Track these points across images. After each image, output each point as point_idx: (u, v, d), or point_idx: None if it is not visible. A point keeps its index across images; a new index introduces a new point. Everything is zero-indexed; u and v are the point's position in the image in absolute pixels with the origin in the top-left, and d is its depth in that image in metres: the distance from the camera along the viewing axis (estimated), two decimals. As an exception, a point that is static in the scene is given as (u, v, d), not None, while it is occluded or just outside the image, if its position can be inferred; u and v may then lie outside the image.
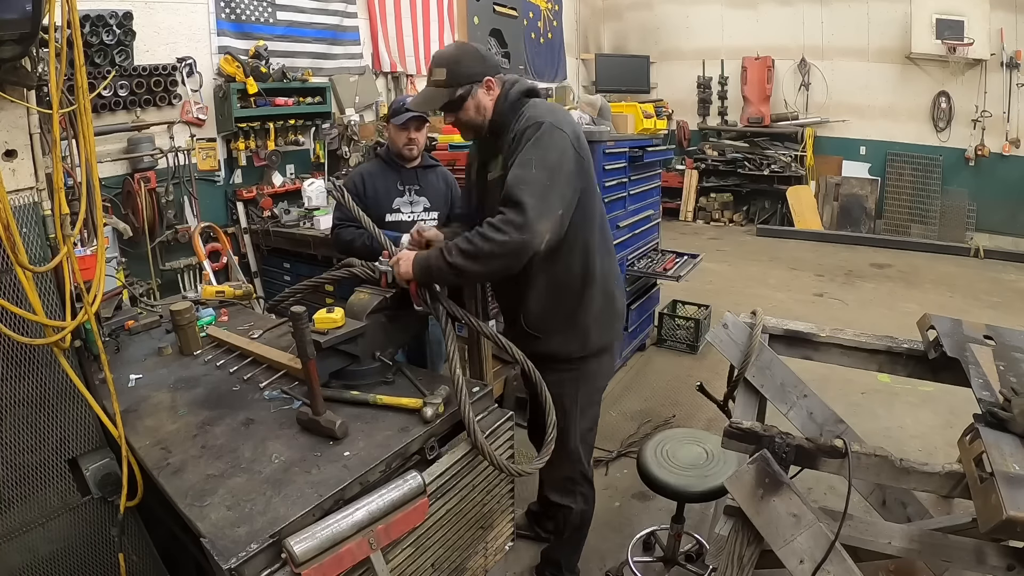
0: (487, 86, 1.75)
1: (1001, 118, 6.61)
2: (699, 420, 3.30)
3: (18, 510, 1.50)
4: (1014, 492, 1.13)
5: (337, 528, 1.17)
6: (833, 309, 5.12)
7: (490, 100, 1.76)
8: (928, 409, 3.34)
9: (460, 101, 1.74)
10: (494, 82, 1.75)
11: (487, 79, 1.74)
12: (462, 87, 1.72)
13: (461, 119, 1.78)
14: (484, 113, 1.76)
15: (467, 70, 1.72)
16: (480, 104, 1.75)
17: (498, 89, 1.76)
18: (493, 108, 1.76)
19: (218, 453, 1.40)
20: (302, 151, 4.72)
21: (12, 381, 1.44)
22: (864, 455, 1.37)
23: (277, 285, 4.22)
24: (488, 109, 1.76)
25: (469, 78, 1.72)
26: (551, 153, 1.61)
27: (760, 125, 7.77)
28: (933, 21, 6.53)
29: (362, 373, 1.66)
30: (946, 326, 1.83)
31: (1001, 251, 6.51)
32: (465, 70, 1.72)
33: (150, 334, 2.10)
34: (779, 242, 7.31)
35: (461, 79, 1.72)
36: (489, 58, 1.79)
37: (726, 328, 1.95)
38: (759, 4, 7.74)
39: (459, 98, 1.73)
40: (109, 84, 3.43)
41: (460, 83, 1.72)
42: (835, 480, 1.63)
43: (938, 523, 1.77)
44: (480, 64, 1.74)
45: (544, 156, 1.60)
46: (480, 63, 1.74)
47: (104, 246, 1.53)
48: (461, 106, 1.74)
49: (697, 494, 1.86)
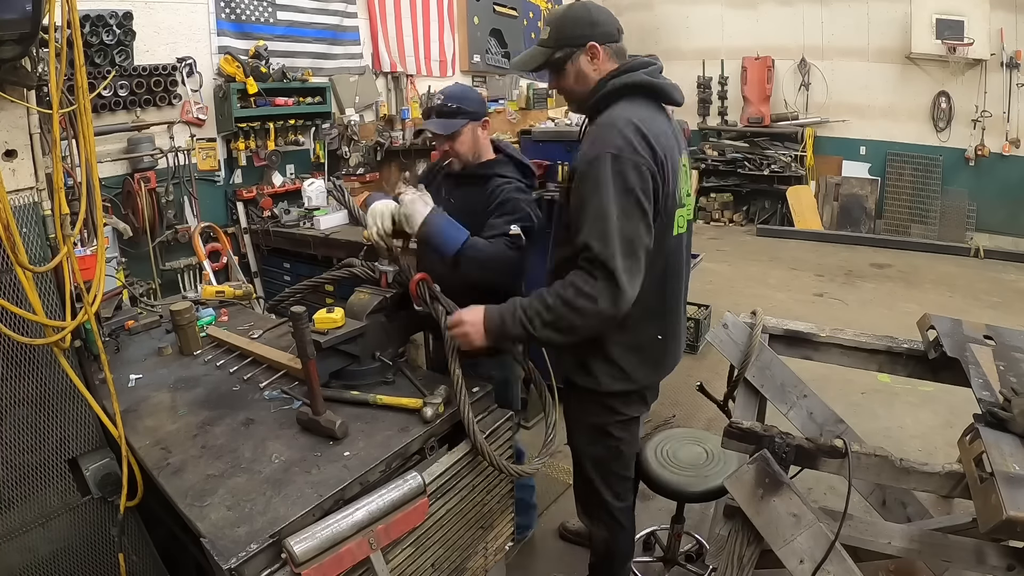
0: (590, 53, 1.53)
1: (1001, 118, 6.60)
2: (699, 420, 3.30)
3: (18, 510, 1.50)
4: (1014, 492, 1.13)
5: (337, 528, 1.17)
6: (833, 309, 5.12)
7: (593, 71, 1.54)
8: (928, 409, 3.34)
9: (558, 64, 1.56)
10: (600, 51, 1.52)
11: (591, 45, 1.52)
12: (561, 49, 1.54)
13: (563, 86, 1.60)
14: (585, 84, 1.56)
15: (570, 31, 1.54)
16: (581, 73, 1.55)
17: (608, 63, 1.54)
18: (595, 84, 1.54)
19: (218, 453, 1.40)
20: (302, 151, 4.72)
21: (12, 381, 1.44)
22: (864, 455, 1.36)
23: (277, 285, 4.22)
24: (590, 81, 1.55)
25: (571, 40, 1.53)
26: (629, 196, 1.41)
27: (760, 125, 7.76)
28: (933, 21, 6.52)
29: (362, 373, 1.66)
30: (946, 326, 1.83)
31: (1001, 251, 6.51)
32: (568, 31, 1.54)
33: (150, 334, 2.10)
34: (779, 242, 7.31)
35: (562, 40, 1.54)
36: (603, 23, 1.54)
37: (726, 328, 1.95)
38: (759, 4, 7.73)
39: (557, 60, 1.55)
40: (109, 84, 3.43)
41: (560, 45, 1.54)
42: (835, 480, 1.63)
43: (938, 523, 1.77)
44: (587, 27, 1.53)
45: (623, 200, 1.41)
46: (587, 26, 1.53)
47: (104, 246, 1.53)
48: (561, 71, 1.57)
49: (697, 494, 1.86)
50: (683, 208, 1.61)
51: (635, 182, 1.41)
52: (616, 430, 1.71)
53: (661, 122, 1.54)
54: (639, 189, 1.41)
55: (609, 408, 1.68)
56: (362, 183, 4.75)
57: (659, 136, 1.47)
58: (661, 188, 1.46)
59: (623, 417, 1.70)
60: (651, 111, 1.53)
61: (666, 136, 1.51)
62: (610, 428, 1.71)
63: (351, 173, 4.82)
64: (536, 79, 7.16)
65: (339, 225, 3.95)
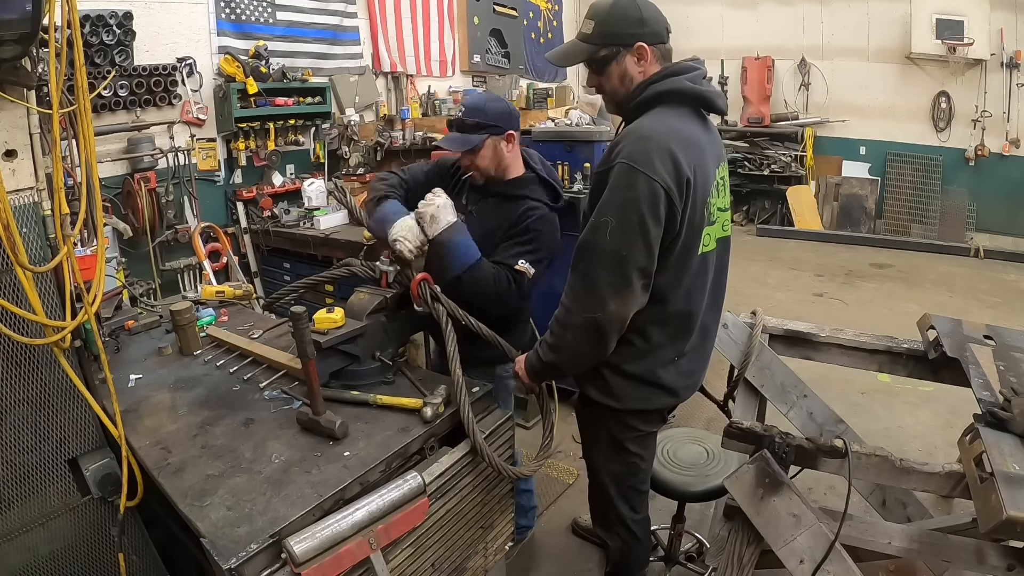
0: (638, 54, 1.42)
1: (1001, 118, 6.60)
2: (699, 420, 3.30)
3: (18, 510, 1.50)
4: (1014, 492, 1.13)
5: (337, 528, 1.17)
6: (833, 309, 5.12)
7: (639, 73, 1.44)
8: (928, 409, 3.34)
9: (602, 64, 1.45)
10: (648, 53, 1.42)
11: (639, 45, 1.41)
12: (607, 48, 1.43)
13: (604, 87, 1.50)
14: (628, 85, 1.46)
15: (617, 28, 1.42)
16: (626, 74, 1.45)
17: (654, 65, 1.44)
18: (635, 88, 1.44)
19: (218, 453, 1.40)
20: (302, 151, 4.72)
21: (12, 381, 1.44)
22: (864, 455, 1.37)
23: (277, 285, 4.23)
24: (635, 82, 1.45)
25: (617, 39, 1.42)
26: (631, 212, 1.33)
27: (760, 125, 7.76)
28: (933, 21, 6.52)
29: (362, 373, 1.66)
30: (946, 326, 1.83)
31: (1001, 251, 6.51)
32: (615, 28, 1.42)
33: (150, 334, 2.10)
34: (779, 242, 7.30)
35: (608, 38, 1.43)
36: (652, 21, 1.43)
37: (726, 328, 1.95)
38: (759, 4, 7.73)
39: (601, 59, 1.45)
40: (109, 84, 3.43)
41: (606, 43, 1.43)
42: (835, 480, 1.63)
43: (938, 523, 1.77)
44: (636, 25, 1.41)
45: (626, 216, 1.33)
46: (636, 24, 1.41)
47: (104, 246, 1.53)
48: (604, 70, 1.46)
49: (697, 494, 1.86)
50: (713, 225, 1.51)
51: (643, 199, 1.32)
52: (634, 446, 1.66)
53: (696, 133, 1.44)
54: (646, 208, 1.32)
55: (627, 425, 1.63)
56: (362, 183, 4.75)
57: (690, 150, 1.37)
58: (680, 207, 1.36)
59: (641, 433, 1.65)
60: (687, 121, 1.44)
61: (699, 149, 1.42)
62: (628, 444, 1.65)
63: (351, 173, 4.82)
64: (536, 78, 7.17)
65: (339, 225, 3.95)
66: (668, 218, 1.35)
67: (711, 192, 1.46)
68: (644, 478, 1.76)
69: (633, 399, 1.56)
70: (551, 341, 1.48)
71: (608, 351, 1.45)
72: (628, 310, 1.38)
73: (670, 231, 1.37)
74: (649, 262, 1.36)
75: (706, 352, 1.69)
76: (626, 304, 1.37)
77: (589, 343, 1.43)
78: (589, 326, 1.39)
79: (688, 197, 1.36)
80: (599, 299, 1.36)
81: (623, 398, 1.56)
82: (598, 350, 1.45)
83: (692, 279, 1.48)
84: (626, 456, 1.67)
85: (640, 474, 1.73)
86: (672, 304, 1.47)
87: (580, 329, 1.41)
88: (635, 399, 1.57)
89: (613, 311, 1.37)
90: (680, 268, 1.45)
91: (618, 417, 1.61)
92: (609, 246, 1.34)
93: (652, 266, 1.37)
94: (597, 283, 1.36)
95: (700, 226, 1.44)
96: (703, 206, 1.43)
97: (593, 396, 1.61)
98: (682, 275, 1.46)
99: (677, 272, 1.44)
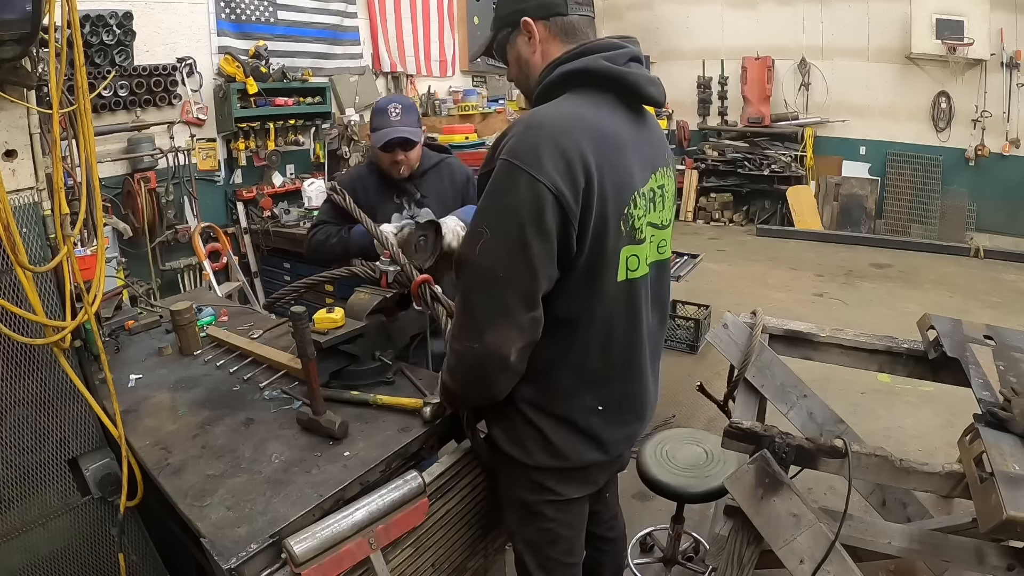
0: (526, 31, 1.21)
1: (1001, 118, 6.60)
2: (699, 420, 3.30)
3: (18, 510, 1.50)
4: (1014, 492, 1.13)
5: (337, 528, 1.17)
6: (833, 309, 5.12)
7: (533, 53, 1.22)
8: (928, 409, 3.34)
9: (500, 51, 1.28)
10: (535, 27, 1.19)
11: (524, 20, 1.19)
12: (500, 32, 1.26)
13: (510, 77, 1.33)
14: (526, 69, 1.25)
15: (504, 8, 1.25)
16: (520, 57, 1.24)
17: (552, 43, 1.20)
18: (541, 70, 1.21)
19: (218, 453, 1.40)
20: (302, 151, 4.72)
21: (12, 381, 1.44)
22: (864, 455, 1.36)
23: (277, 285, 4.23)
24: (532, 65, 1.23)
25: (506, 19, 1.24)
26: (510, 223, 1.07)
27: (760, 125, 7.76)
28: (933, 21, 6.52)
29: (362, 373, 1.66)
30: (946, 326, 1.83)
31: (1001, 251, 6.51)
32: (502, 9, 1.25)
33: (150, 334, 2.10)
34: (779, 242, 7.30)
35: (498, 21, 1.26)
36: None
37: (726, 328, 1.95)
38: (759, 4, 7.73)
39: (498, 46, 1.28)
40: (109, 84, 3.44)
41: (498, 27, 1.27)
42: (835, 480, 1.63)
43: (938, 523, 1.77)
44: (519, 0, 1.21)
45: (502, 226, 1.08)
46: None
47: (104, 246, 1.53)
48: (504, 57, 1.29)
49: (697, 494, 1.86)
50: (640, 244, 1.21)
51: (524, 206, 1.05)
52: (550, 511, 1.35)
53: (613, 125, 1.16)
54: (527, 216, 1.05)
55: (540, 485, 1.32)
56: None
57: (599, 143, 1.10)
58: (578, 217, 1.09)
59: (558, 498, 1.33)
60: (603, 111, 1.16)
61: (614, 144, 1.14)
62: (542, 508, 1.35)
63: (351, 173, 4.82)
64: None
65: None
66: (561, 231, 1.08)
67: (633, 202, 1.17)
68: (570, 548, 1.42)
69: (547, 453, 1.27)
70: (447, 363, 1.24)
71: (497, 392, 1.20)
72: (510, 344, 1.11)
73: (566, 248, 1.10)
74: (533, 285, 1.09)
75: (643, 404, 1.36)
76: (507, 337, 1.10)
77: (471, 378, 1.19)
78: (468, 358, 1.15)
79: (590, 204, 1.09)
80: (476, 328, 1.12)
81: (533, 451, 1.27)
82: (483, 390, 1.21)
83: (611, 312, 1.20)
84: (541, 522, 1.36)
85: (562, 543, 1.39)
86: (591, 342, 1.20)
87: (462, 359, 1.17)
88: (549, 454, 1.27)
89: (491, 344, 1.10)
90: (591, 296, 1.17)
91: (530, 476, 1.31)
92: (483, 263, 1.09)
93: (537, 290, 1.10)
94: (473, 307, 1.13)
95: (616, 244, 1.16)
96: (618, 218, 1.14)
97: (505, 449, 1.31)
98: (593, 305, 1.18)
99: (587, 301, 1.17)
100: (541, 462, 1.28)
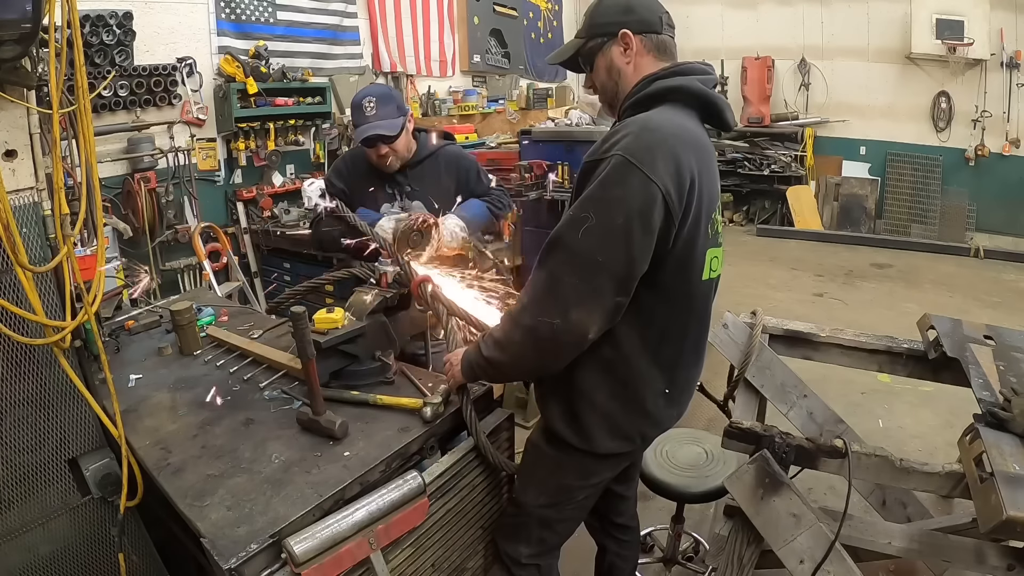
0: (623, 43, 1.30)
1: (1001, 118, 6.60)
2: (699, 420, 3.29)
3: (18, 510, 1.50)
4: (1014, 492, 1.13)
5: (337, 528, 1.17)
6: (833, 309, 5.12)
7: (627, 64, 1.31)
8: (928, 409, 3.34)
9: (589, 57, 1.36)
10: (633, 40, 1.29)
11: (623, 33, 1.29)
12: (593, 39, 1.34)
13: (595, 83, 1.39)
14: (616, 78, 1.33)
15: (602, 18, 1.33)
16: (613, 66, 1.33)
17: (645, 57, 1.30)
18: (635, 81, 1.30)
19: (218, 453, 1.40)
20: (302, 151, 4.72)
21: (12, 381, 1.44)
22: (864, 455, 1.37)
23: (277, 285, 4.23)
24: (624, 75, 1.32)
25: (602, 28, 1.32)
26: (616, 213, 1.14)
27: (760, 125, 7.76)
28: (933, 21, 6.52)
29: (362, 373, 1.66)
30: (946, 326, 1.83)
31: (1001, 251, 6.51)
32: (600, 18, 1.34)
33: (150, 334, 2.10)
34: (779, 242, 7.31)
35: (594, 29, 1.34)
36: (639, 8, 1.31)
37: (726, 328, 1.95)
38: (759, 4, 7.74)
39: (588, 52, 1.36)
40: (109, 84, 3.43)
41: (592, 34, 1.34)
42: (835, 480, 1.63)
43: (938, 523, 1.77)
44: (620, 13, 1.31)
45: (609, 215, 1.15)
46: (621, 12, 1.31)
47: (104, 246, 1.53)
48: (592, 64, 1.36)
49: (697, 495, 1.86)
50: (719, 248, 1.35)
51: (634, 201, 1.13)
52: (583, 494, 1.47)
53: (705, 139, 1.30)
54: (636, 211, 1.13)
55: (591, 471, 1.43)
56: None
57: (700, 153, 1.22)
58: (679, 218, 1.18)
59: (600, 480, 1.47)
60: (695, 125, 1.29)
61: (708, 156, 1.27)
62: (579, 493, 1.46)
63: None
64: (536, 78, 7.16)
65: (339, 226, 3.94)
66: (663, 228, 1.16)
67: (718, 208, 1.33)
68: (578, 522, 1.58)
69: (611, 438, 1.35)
70: (498, 336, 1.30)
71: (559, 365, 1.27)
72: (592, 324, 1.18)
73: (664, 243, 1.18)
74: (628, 274, 1.17)
75: (695, 383, 1.52)
76: (591, 316, 1.17)
77: (537, 351, 1.24)
78: (543, 332, 1.20)
79: (690, 207, 1.19)
80: (561, 304, 1.17)
81: (596, 438, 1.35)
82: (546, 362, 1.27)
83: (691, 307, 1.32)
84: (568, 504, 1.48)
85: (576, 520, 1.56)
86: (666, 332, 1.30)
87: (532, 333, 1.22)
88: (614, 437, 1.35)
89: (575, 321, 1.17)
90: (680, 294, 1.28)
91: (582, 461, 1.40)
92: (583, 246, 1.16)
93: (631, 279, 1.18)
94: (562, 286, 1.18)
95: (705, 246, 1.27)
96: (707, 222, 1.26)
97: (566, 437, 1.38)
98: (680, 301, 1.29)
99: (675, 298, 1.27)
100: (604, 448, 1.36)
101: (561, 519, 1.52)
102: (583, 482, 1.45)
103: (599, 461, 1.41)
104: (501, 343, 1.30)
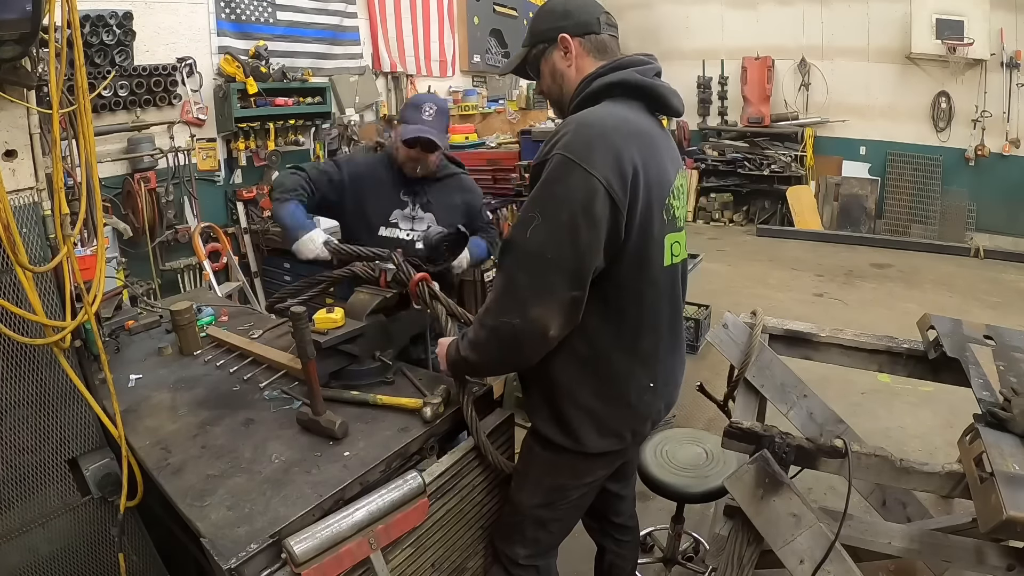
0: (563, 46, 1.33)
1: (1001, 118, 6.60)
2: (699, 420, 3.30)
3: (18, 510, 1.50)
4: (1014, 492, 1.13)
5: (337, 528, 1.17)
6: (833, 309, 5.12)
7: (568, 67, 1.34)
8: (928, 409, 3.34)
9: (534, 65, 1.39)
10: (572, 43, 1.32)
11: (562, 37, 1.32)
12: (536, 47, 1.37)
13: (542, 89, 1.42)
14: (560, 81, 1.36)
15: (542, 25, 1.36)
16: (555, 70, 1.36)
17: (586, 58, 1.33)
18: (577, 82, 1.33)
19: (218, 453, 1.40)
20: (302, 151, 4.72)
21: (12, 381, 1.44)
22: (864, 455, 1.36)
23: (277, 285, 4.23)
24: (567, 78, 1.35)
25: (542, 35, 1.36)
26: (560, 210, 1.16)
27: (760, 125, 7.76)
28: (933, 21, 6.52)
29: (362, 373, 1.66)
30: (946, 326, 1.83)
31: (1001, 251, 6.51)
32: (540, 25, 1.37)
33: (150, 334, 2.10)
34: (779, 242, 7.30)
35: (535, 36, 1.37)
36: (577, 11, 1.33)
37: (726, 328, 1.95)
38: (759, 4, 7.73)
39: (532, 60, 1.39)
40: (109, 84, 3.43)
41: (534, 42, 1.38)
42: (835, 480, 1.63)
43: (938, 523, 1.77)
44: (559, 18, 1.33)
45: (553, 213, 1.17)
46: (559, 17, 1.33)
47: (104, 246, 1.53)
48: (537, 71, 1.39)
49: (697, 495, 1.86)
50: (680, 232, 1.37)
51: (576, 196, 1.15)
52: (578, 492, 1.48)
53: (650, 128, 1.31)
54: (579, 206, 1.15)
55: (584, 470, 1.44)
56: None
57: (641, 141, 1.24)
58: (625, 208, 1.19)
59: (594, 478, 1.48)
60: (638, 116, 1.30)
61: (651, 144, 1.27)
62: (573, 492, 1.47)
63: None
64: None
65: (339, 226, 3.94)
66: (611, 220, 1.18)
67: (672, 193, 1.32)
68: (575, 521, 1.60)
69: (600, 437, 1.36)
70: (471, 337, 1.32)
71: (527, 362, 1.30)
72: (551, 320, 1.19)
73: (615, 235, 1.20)
74: (579, 268, 1.18)
75: (680, 373, 1.52)
76: (549, 312, 1.19)
77: (502, 351, 1.28)
78: (504, 332, 1.23)
79: (636, 195, 1.20)
80: (519, 304, 1.20)
81: (584, 438, 1.35)
82: (513, 360, 1.32)
83: (659, 294, 1.32)
84: (563, 503, 1.49)
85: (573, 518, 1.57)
86: (637, 323, 1.31)
87: (495, 333, 1.25)
88: (602, 436, 1.36)
89: (533, 319, 1.19)
90: (643, 281, 1.28)
91: (573, 462, 1.41)
92: (532, 246, 1.18)
93: (582, 271, 1.19)
94: (517, 286, 1.21)
95: (661, 231, 1.29)
96: (661, 207, 1.27)
97: (554, 439, 1.38)
98: (645, 289, 1.29)
99: (639, 286, 1.28)
100: (595, 447, 1.37)
101: (556, 519, 1.52)
102: (577, 481, 1.46)
103: (591, 460, 1.42)
104: (473, 343, 1.32)
